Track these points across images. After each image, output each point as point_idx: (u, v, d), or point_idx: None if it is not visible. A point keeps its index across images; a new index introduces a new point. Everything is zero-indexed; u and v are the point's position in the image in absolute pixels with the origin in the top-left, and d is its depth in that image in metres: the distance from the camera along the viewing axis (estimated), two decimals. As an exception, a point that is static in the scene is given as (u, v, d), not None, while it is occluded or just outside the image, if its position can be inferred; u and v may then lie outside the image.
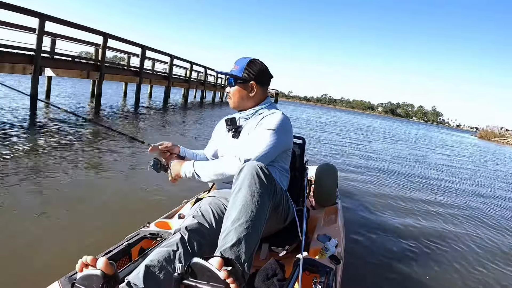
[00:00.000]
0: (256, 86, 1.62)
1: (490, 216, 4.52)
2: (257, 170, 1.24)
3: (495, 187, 7.23)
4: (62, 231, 2.34)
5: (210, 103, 22.56)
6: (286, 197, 1.51)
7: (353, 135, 15.23)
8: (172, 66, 15.00)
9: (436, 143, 19.76)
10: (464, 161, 11.64)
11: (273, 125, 1.50)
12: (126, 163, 4.33)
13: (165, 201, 3.00)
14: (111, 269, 0.92)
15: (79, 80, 12.28)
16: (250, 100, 1.64)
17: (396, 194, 4.84)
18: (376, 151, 10.20)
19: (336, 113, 51.48)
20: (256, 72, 1.62)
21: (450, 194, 5.56)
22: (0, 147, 4.08)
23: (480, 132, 52.80)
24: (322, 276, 1.34)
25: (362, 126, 24.49)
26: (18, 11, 6.68)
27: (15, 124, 5.56)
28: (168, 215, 1.91)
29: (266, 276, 1.24)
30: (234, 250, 1.10)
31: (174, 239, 1.21)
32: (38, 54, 7.21)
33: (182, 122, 11.02)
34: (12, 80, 10.33)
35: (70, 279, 1.12)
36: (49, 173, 3.44)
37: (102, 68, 9.83)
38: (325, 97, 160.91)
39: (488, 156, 16.70)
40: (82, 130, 6.06)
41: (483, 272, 2.69)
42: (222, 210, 1.38)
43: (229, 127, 1.65)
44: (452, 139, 29.74)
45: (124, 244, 1.44)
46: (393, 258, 2.68)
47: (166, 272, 1.11)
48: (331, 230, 1.88)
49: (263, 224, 1.22)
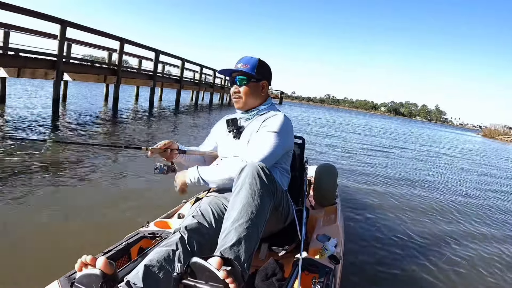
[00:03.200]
0: (266, 86, 1.64)
1: (493, 216, 4.51)
2: (258, 170, 1.24)
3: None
4: (62, 229, 2.35)
5: (218, 105, 22.81)
6: (287, 198, 1.52)
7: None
8: (183, 69, 15.21)
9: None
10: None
11: (276, 127, 1.51)
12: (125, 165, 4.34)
13: (164, 201, 3.00)
14: (110, 268, 0.92)
15: (82, 83, 12.45)
16: (257, 100, 1.65)
17: (398, 194, 4.84)
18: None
19: (349, 114, 51.21)
20: (268, 72, 1.65)
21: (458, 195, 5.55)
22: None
23: (483, 130, 52.33)
24: (321, 276, 1.34)
25: (392, 131, 22.63)
26: (40, 18, 6.79)
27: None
28: (167, 215, 1.91)
29: (266, 276, 1.25)
30: (234, 250, 1.10)
31: (173, 238, 1.21)
32: (60, 59, 7.34)
33: (204, 122, 11.19)
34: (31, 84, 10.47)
35: (70, 279, 1.12)
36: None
37: (119, 72, 9.96)
38: (328, 98, 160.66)
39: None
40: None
41: (484, 273, 2.69)
42: (222, 210, 1.39)
43: (230, 128, 1.65)
44: (466, 138, 29.52)
45: (123, 243, 1.44)
46: (392, 258, 2.68)
47: (165, 271, 1.11)
48: (331, 230, 1.88)
49: (264, 225, 1.22)
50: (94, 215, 2.66)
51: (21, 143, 4.39)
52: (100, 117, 8.72)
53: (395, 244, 2.96)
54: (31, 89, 13.51)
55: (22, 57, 6.76)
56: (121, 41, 9.73)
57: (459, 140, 26.06)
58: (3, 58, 6.51)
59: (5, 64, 6.92)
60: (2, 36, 7.05)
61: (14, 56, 6.72)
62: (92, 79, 10.10)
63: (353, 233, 3.01)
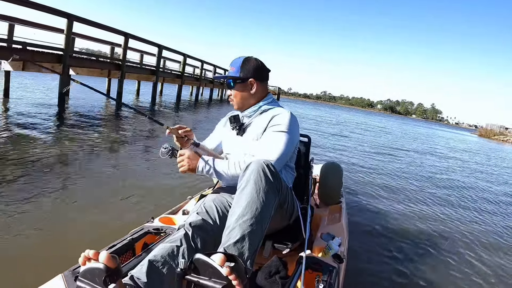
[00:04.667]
0: (256, 83, 1.61)
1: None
2: (263, 167, 1.24)
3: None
4: (66, 224, 2.37)
5: (218, 100, 22.84)
6: (292, 195, 1.52)
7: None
8: (185, 65, 15.20)
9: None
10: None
11: (285, 126, 1.51)
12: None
13: (169, 197, 3.01)
14: (113, 262, 0.92)
15: (83, 78, 12.40)
16: (252, 98, 1.63)
17: (405, 194, 4.81)
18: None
19: (346, 112, 50.96)
20: (253, 69, 1.61)
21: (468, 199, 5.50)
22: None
23: (479, 130, 52.82)
24: (324, 274, 1.33)
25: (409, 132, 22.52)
26: (47, 11, 6.77)
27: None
28: (172, 211, 1.92)
29: (269, 274, 1.25)
30: (238, 246, 1.10)
31: (178, 235, 1.21)
32: (66, 53, 7.37)
33: (207, 118, 11.27)
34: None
35: (74, 273, 1.13)
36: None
37: (123, 67, 10.00)
38: (325, 94, 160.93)
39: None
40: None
41: (490, 273, 2.66)
42: (226, 207, 1.39)
43: (233, 125, 1.65)
44: (464, 138, 29.41)
45: (128, 238, 1.45)
46: (396, 258, 2.66)
47: (169, 267, 1.11)
48: (335, 229, 1.87)
49: (268, 222, 1.22)
50: (98, 209, 2.68)
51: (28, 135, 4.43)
52: (104, 112, 8.71)
53: (400, 244, 2.94)
54: (27, 81, 13.39)
55: (30, 51, 6.75)
56: (126, 36, 9.73)
57: (462, 140, 25.83)
58: (10, 51, 6.40)
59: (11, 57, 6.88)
60: (6, 30, 6.99)
61: (20, 50, 6.67)
62: (95, 73, 10.07)
63: (358, 232, 2.99)
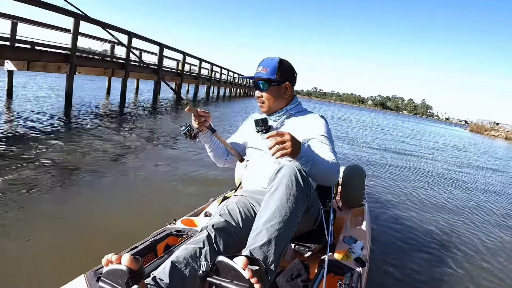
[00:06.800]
0: (290, 87, 1.60)
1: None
2: (296, 172, 1.22)
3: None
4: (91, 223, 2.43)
5: (215, 97, 22.67)
6: (317, 200, 1.50)
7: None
8: (184, 64, 15.30)
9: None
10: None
11: (323, 130, 1.54)
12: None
13: (191, 199, 3.04)
14: (136, 264, 0.93)
15: (83, 77, 12.43)
16: (282, 102, 1.62)
17: (432, 196, 4.68)
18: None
19: (353, 110, 50.04)
20: (289, 72, 1.60)
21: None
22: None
23: (471, 125, 52.53)
24: (346, 278, 1.31)
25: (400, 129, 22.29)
26: (57, 11, 6.72)
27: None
28: (194, 213, 1.93)
29: (291, 277, 1.24)
30: (264, 250, 1.10)
31: (200, 236, 1.21)
32: (74, 53, 7.50)
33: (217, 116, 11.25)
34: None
35: (96, 273, 1.13)
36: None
37: (127, 66, 10.16)
38: (316, 91, 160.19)
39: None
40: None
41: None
42: (249, 210, 1.38)
43: (260, 128, 1.58)
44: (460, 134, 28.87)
45: (150, 240, 1.46)
46: (420, 264, 2.58)
47: (191, 269, 1.11)
48: (357, 232, 1.84)
49: (295, 227, 1.21)
50: (121, 211, 2.73)
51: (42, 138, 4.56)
52: (112, 110, 8.80)
53: (424, 249, 2.85)
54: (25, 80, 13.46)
55: (38, 50, 6.85)
56: (129, 35, 9.83)
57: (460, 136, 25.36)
58: (16, 51, 6.54)
59: (18, 57, 6.91)
60: (10, 29, 6.82)
61: (28, 50, 6.76)
62: (98, 72, 10.13)
63: (380, 236, 2.93)
